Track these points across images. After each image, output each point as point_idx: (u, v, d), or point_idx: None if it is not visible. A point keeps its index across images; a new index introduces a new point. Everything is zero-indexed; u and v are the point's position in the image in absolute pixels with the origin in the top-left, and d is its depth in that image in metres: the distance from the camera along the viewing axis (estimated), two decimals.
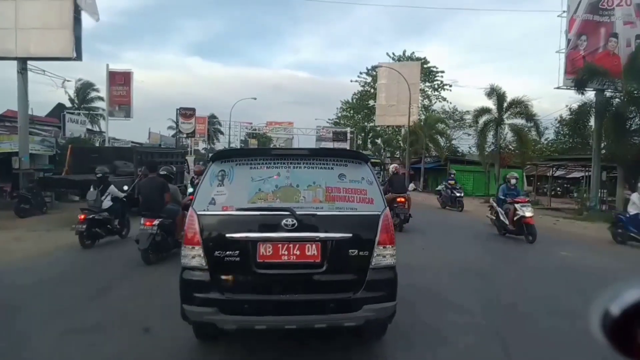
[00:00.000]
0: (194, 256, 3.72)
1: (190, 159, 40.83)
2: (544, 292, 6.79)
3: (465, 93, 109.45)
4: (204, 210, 3.80)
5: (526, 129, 26.21)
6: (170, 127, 53.55)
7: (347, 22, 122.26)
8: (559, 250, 10.67)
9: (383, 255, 3.80)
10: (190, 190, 11.35)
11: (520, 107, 25.86)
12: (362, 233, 3.82)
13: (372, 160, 41.95)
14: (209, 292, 3.68)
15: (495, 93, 25.97)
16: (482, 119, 26.86)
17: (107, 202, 9.93)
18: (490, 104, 26.71)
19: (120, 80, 25.30)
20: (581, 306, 2.46)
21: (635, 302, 0.76)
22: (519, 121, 26.36)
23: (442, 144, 36.10)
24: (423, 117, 43.05)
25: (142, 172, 10.88)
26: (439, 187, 21.48)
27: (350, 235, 3.76)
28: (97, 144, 23.37)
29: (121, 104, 25.23)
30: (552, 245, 11.25)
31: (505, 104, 26.24)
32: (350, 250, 3.75)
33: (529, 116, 25.68)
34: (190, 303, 3.71)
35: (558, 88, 20.76)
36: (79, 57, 17.70)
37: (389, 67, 42.42)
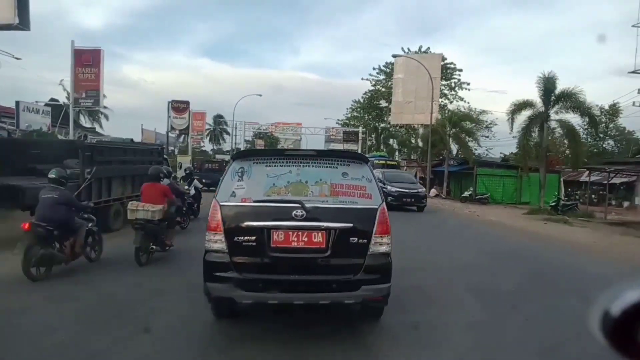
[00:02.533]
0: (216, 241, 4.22)
1: (186, 159, 36.78)
2: None
3: (473, 96, 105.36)
4: (226, 202, 4.31)
5: (580, 126, 21.79)
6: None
7: (355, 24, 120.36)
8: None
9: (380, 244, 4.27)
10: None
11: (572, 101, 21.49)
12: (362, 224, 4.29)
13: (389, 162, 37.82)
14: (229, 272, 4.19)
15: (544, 82, 21.61)
16: (524, 114, 22.45)
17: (192, 191, 13.04)
18: (535, 96, 22.38)
19: (87, 60, 20.05)
20: None
21: (636, 302, 0.75)
22: (570, 116, 22.02)
23: (470, 144, 31.61)
24: (440, 116, 38.68)
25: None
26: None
27: (351, 225, 4.26)
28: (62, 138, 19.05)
29: (89, 89, 20.00)
30: None
31: (553, 97, 21.86)
32: (351, 238, 4.23)
33: (584, 111, 21.32)
34: (213, 281, 4.22)
35: (634, 72, 16.45)
36: (24, 25, 13.65)
37: (409, 57, 37.94)
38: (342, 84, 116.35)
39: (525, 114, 22.71)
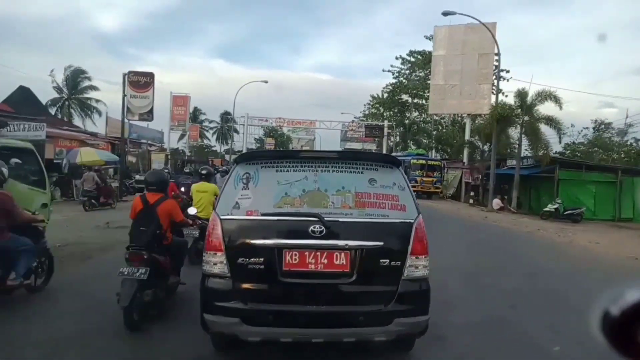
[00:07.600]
0: (216, 263, 3.53)
1: (158, 157, 28.08)
2: None
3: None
4: (228, 215, 3.60)
5: None
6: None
7: (368, 25, 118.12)
8: None
9: (416, 266, 3.57)
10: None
11: None
12: (394, 242, 3.59)
13: (430, 162, 28.93)
14: (232, 302, 3.50)
15: None
16: None
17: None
18: None
19: None
20: None
21: (635, 302, 0.75)
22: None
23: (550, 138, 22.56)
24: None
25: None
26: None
27: (382, 243, 3.53)
28: None
29: None
30: None
31: None
32: (381, 260, 3.52)
33: None
34: (212, 312, 3.52)
35: None
36: None
37: (467, 18, 28.26)
38: (355, 84, 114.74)
39: None
